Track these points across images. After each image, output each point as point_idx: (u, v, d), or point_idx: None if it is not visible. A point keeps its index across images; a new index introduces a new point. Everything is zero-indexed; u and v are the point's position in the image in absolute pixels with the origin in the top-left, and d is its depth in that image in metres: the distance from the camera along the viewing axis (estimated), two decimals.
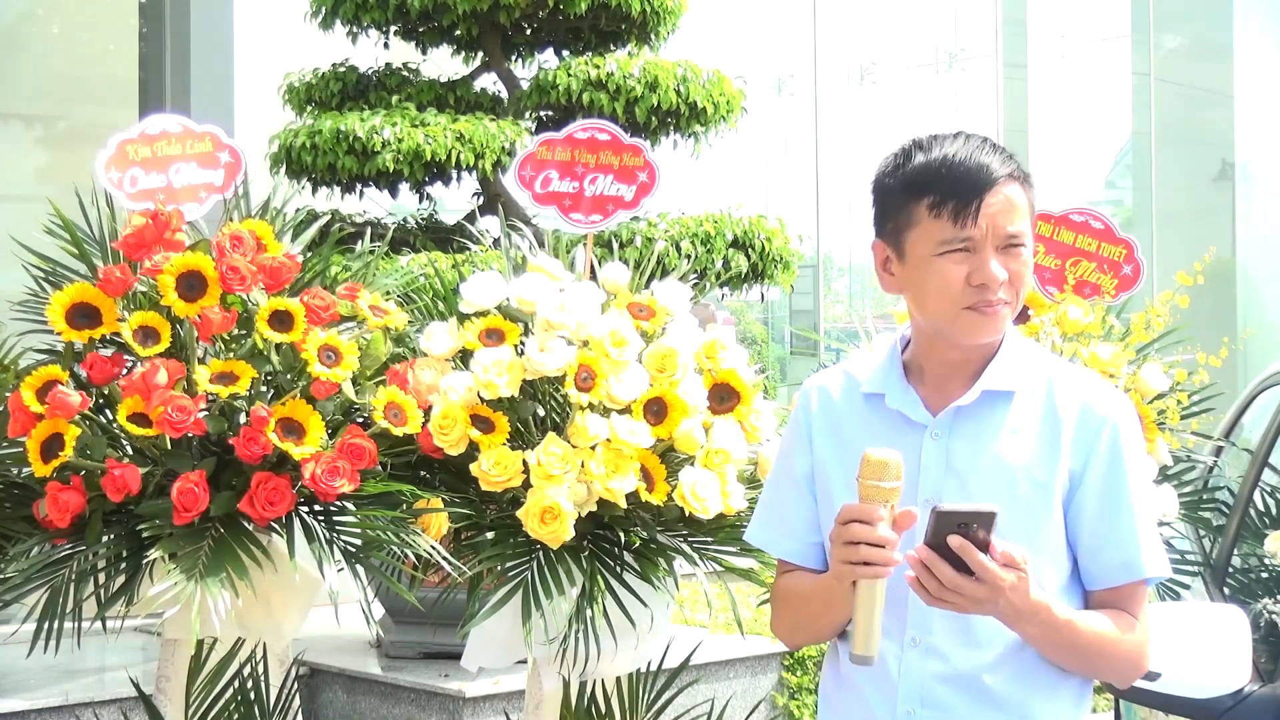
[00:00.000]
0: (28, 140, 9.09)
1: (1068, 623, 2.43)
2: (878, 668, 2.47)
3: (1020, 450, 2.52)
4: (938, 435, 2.54)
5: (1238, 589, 4.18)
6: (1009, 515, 2.42)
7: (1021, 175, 2.54)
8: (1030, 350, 2.63)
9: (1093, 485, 2.51)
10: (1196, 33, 16.45)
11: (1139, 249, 4.40)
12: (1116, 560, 2.51)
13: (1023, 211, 2.52)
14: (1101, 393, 2.57)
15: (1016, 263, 2.51)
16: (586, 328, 3.75)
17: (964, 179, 2.50)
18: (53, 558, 3.66)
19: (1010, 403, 2.54)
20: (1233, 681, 2.78)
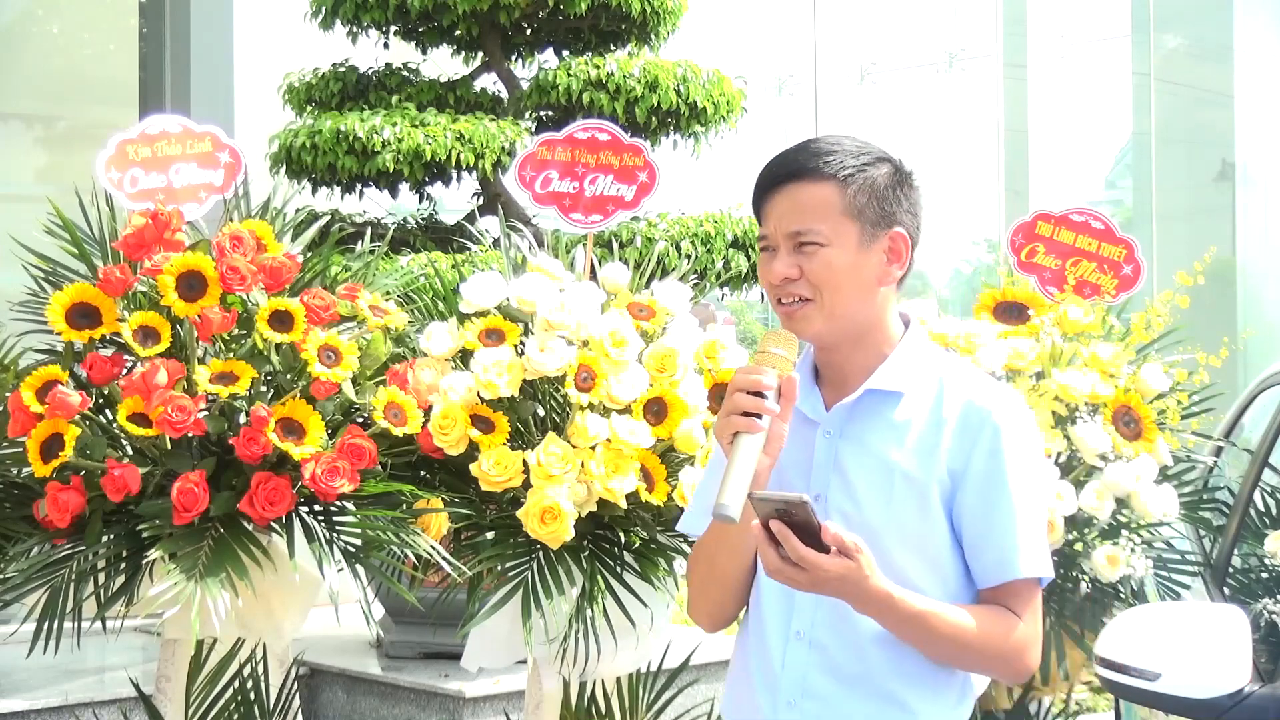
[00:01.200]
0: (28, 140, 9.09)
1: (920, 614, 2.44)
2: (763, 656, 2.57)
3: (902, 450, 2.53)
4: (829, 433, 2.58)
5: (1238, 589, 4.18)
6: (886, 514, 2.51)
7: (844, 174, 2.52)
8: (927, 353, 2.64)
9: (972, 484, 2.52)
10: (1197, 33, 16.45)
11: (1139, 249, 4.39)
12: (994, 559, 2.52)
13: (819, 210, 2.51)
14: (986, 392, 2.57)
15: (811, 261, 2.51)
16: (586, 328, 3.75)
17: (761, 180, 2.58)
18: (53, 558, 3.66)
19: (898, 403, 2.56)
20: (1233, 682, 2.78)
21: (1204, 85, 16.08)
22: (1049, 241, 4.39)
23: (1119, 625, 3.00)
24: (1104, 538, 3.96)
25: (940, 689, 2.55)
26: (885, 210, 2.55)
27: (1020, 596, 2.53)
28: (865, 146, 2.58)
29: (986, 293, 4.35)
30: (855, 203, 2.52)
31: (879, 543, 2.46)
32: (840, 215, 2.52)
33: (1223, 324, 12.02)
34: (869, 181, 2.54)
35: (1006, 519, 2.51)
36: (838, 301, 2.52)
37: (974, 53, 20.02)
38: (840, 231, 2.51)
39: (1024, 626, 2.52)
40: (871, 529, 2.48)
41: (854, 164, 2.54)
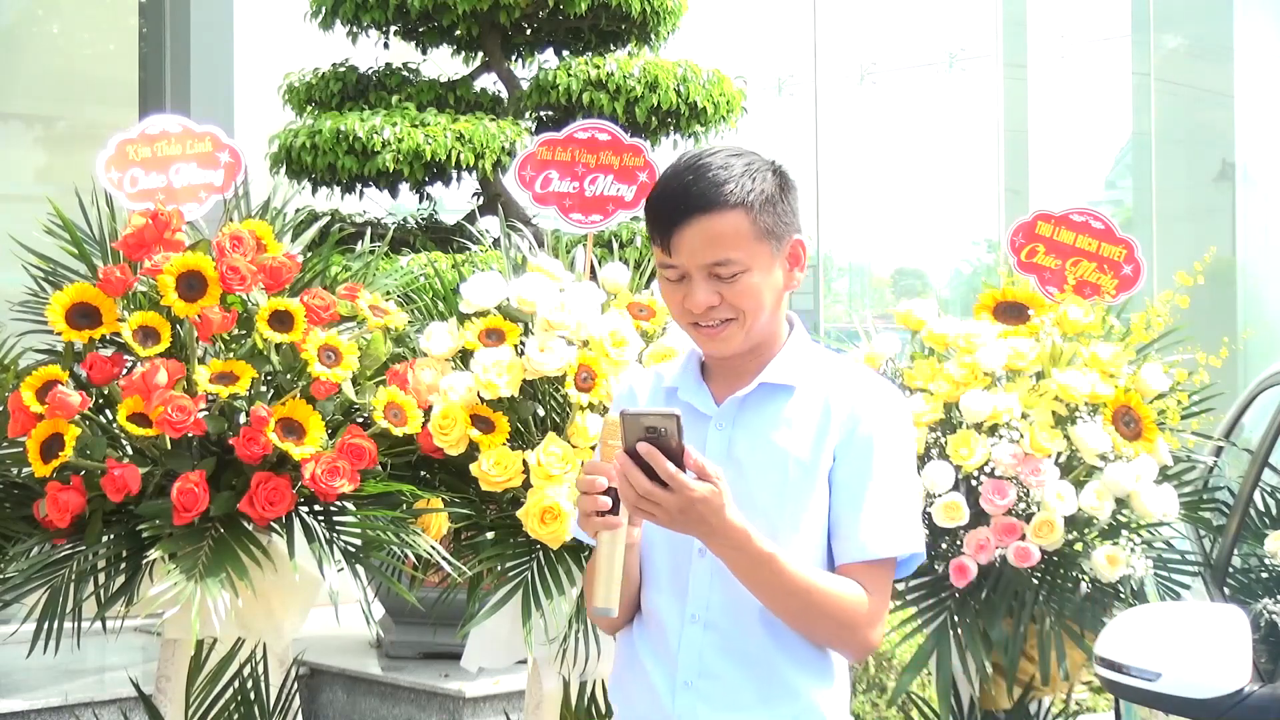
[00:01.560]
0: (28, 140, 9.09)
1: (770, 556, 2.49)
2: (659, 642, 2.64)
3: (793, 439, 2.62)
4: (721, 426, 2.65)
5: (1238, 589, 4.18)
6: (780, 498, 2.59)
7: (745, 200, 2.57)
8: (814, 351, 2.72)
9: (841, 467, 2.61)
10: (1197, 33, 16.44)
11: (1139, 249, 4.39)
12: (851, 539, 2.60)
13: (733, 240, 2.56)
14: (868, 381, 2.68)
15: (732, 287, 2.57)
16: (586, 328, 3.75)
17: (661, 212, 2.60)
18: (53, 558, 3.67)
19: (790, 396, 2.65)
20: (1233, 682, 2.78)
21: (1204, 85, 16.07)
22: (1049, 241, 4.39)
23: (1119, 625, 3.00)
24: (1104, 538, 3.96)
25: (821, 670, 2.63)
26: (784, 221, 2.63)
27: (869, 575, 2.60)
28: (749, 159, 2.63)
29: (986, 293, 4.35)
30: (763, 224, 2.59)
31: (771, 526, 2.54)
32: (753, 240, 2.58)
33: (1223, 324, 12.01)
34: (769, 199, 2.60)
35: (863, 501, 2.61)
36: (758, 317, 2.61)
37: (974, 53, 20.01)
38: (755, 254, 2.58)
39: (868, 603, 2.59)
40: (766, 513, 2.56)
41: (752, 185, 2.59)
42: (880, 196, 18.94)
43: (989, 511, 3.86)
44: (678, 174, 2.61)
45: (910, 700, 4.52)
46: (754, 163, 2.63)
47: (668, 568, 2.64)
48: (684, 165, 2.62)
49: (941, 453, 3.96)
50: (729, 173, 2.58)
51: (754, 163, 2.63)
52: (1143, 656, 2.86)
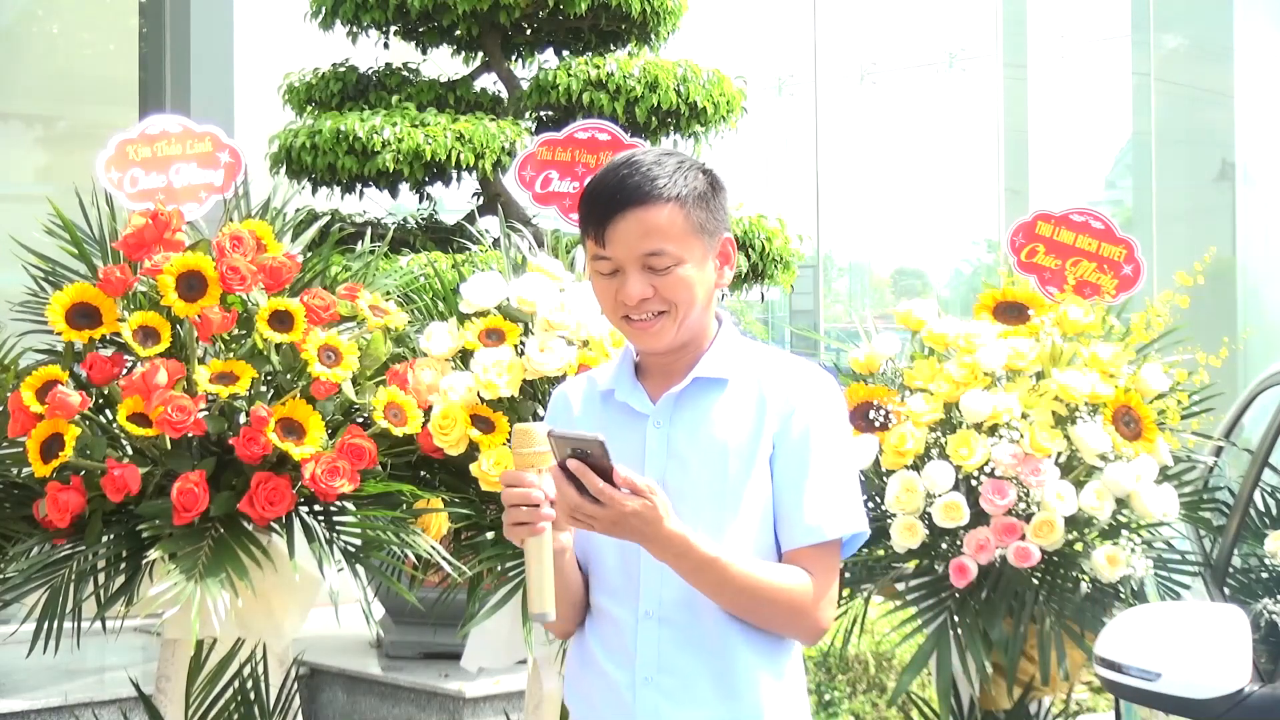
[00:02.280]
0: (28, 140, 9.09)
1: (713, 560, 2.54)
2: (615, 640, 2.66)
3: (731, 431, 2.66)
4: (659, 424, 2.68)
5: (1238, 589, 4.18)
6: (722, 490, 2.63)
7: (679, 194, 2.62)
8: (745, 344, 2.76)
9: (781, 455, 2.66)
10: (1197, 33, 16.44)
11: (1139, 249, 4.39)
12: (797, 523, 2.65)
13: (667, 232, 2.61)
14: (799, 369, 2.72)
15: (665, 280, 2.61)
16: (586, 328, 3.76)
17: (598, 203, 2.64)
18: (52, 558, 3.67)
19: (723, 389, 2.68)
20: (1233, 682, 2.78)
21: (1204, 85, 16.07)
22: (1049, 241, 4.39)
23: (1119, 625, 3.00)
24: (1104, 538, 3.96)
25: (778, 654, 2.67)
26: (716, 218, 2.68)
27: (815, 559, 2.65)
28: (680, 159, 2.68)
29: (986, 293, 4.35)
30: (695, 219, 2.63)
31: (716, 518, 2.60)
32: (686, 233, 2.62)
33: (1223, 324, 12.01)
34: (701, 196, 2.65)
35: (803, 487, 2.65)
36: (690, 313, 2.65)
37: (974, 53, 20.01)
38: (688, 248, 2.63)
39: (816, 585, 2.63)
40: (709, 505, 2.61)
41: (684, 182, 2.64)
42: (880, 196, 18.96)
43: (989, 511, 3.86)
44: (612, 169, 2.66)
45: (910, 700, 4.52)
46: (685, 162, 2.68)
47: (618, 566, 2.67)
48: (618, 162, 2.67)
49: (941, 453, 3.96)
50: (662, 169, 2.63)
51: (685, 162, 2.68)
52: (1143, 656, 2.86)
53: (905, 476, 3.91)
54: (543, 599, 2.47)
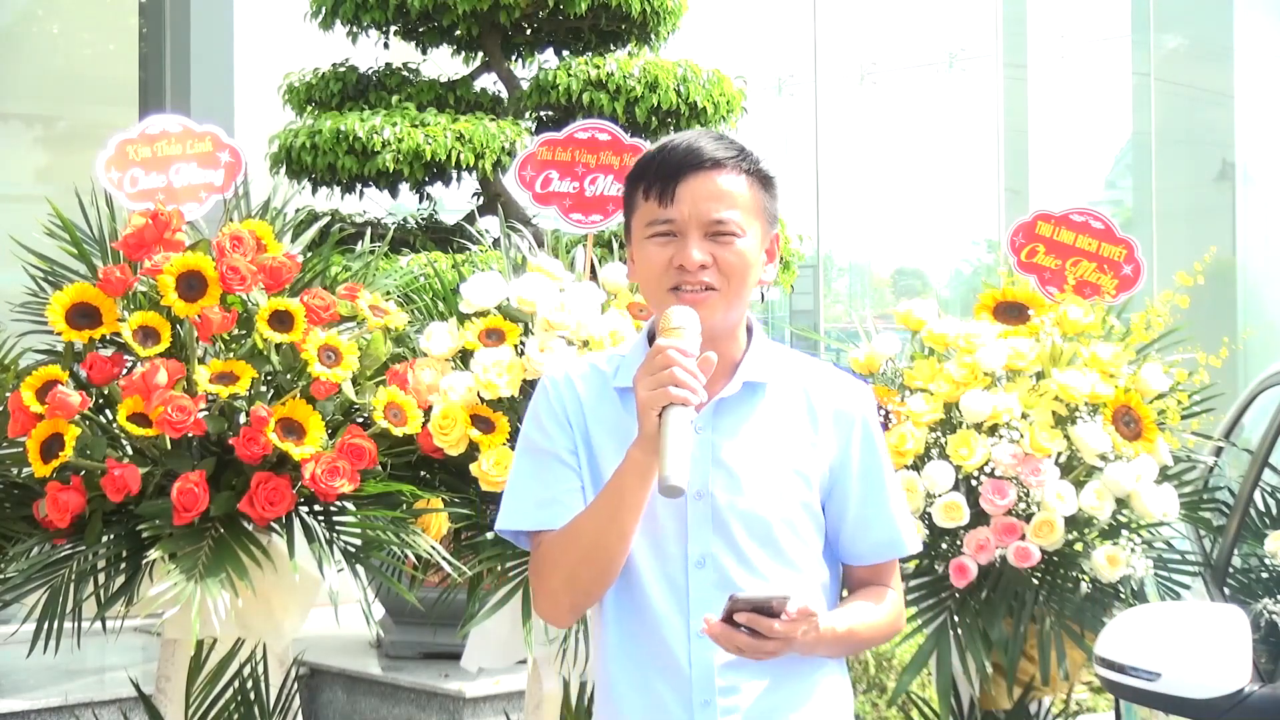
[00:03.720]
0: (28, 140, 9.09)
1: (848, 633, 2.57)
2: (665, 660, 2.54)
3: (782, 443, 2.60)
4: (702, 429, 2.56)
5: (1238, 589, 4.18)
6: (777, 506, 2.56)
7: (750, 169, 2.58)
8: (775, 347, 2.69)
9: (854, 475, 2.64)
10: (1197, 33, 16.45)
11: (1139, 249, 4.39)
12: (882, 540, 2.67)
13: (736, 201, 2.54)
14: (850, 389, 2.69)
15: (725, 250, 2.53)
16: (586, 328, 3.76)
17: (669, 162, 2.56)
18: (53, 558, 3.66)
19: (764, 395, 2.62)
20: (1233, 682, 2.78)
21: (1204, 85, 16.07)
22: (1049, 241, 4.39)
23: (1119, 625, 3.00)
24: (1104, 538, 3.96)
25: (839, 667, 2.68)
26: (771, 208, 2.62)
27: (891, 569, 2.73)
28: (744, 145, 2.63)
29: (987, 293, 4.35)
30: (760, 200, 2.58)
31: (771, 537, 2.55)
32: (750, 209, 2.57)
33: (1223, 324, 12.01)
34: (766, 180, 2.61)
35: (889, 504, 2.68)
36: (740, 293, 2.57)
37: (974, 53, 20.00)
38: (750, 225, 2.56)
39: (897, 595, 2.73)
40: (764, 524, 2.55)
41: (754, 162, 2.59)
42: (880, 196, 18.94)
43: (989, 511, 3.86)
44: (682, 135, 2.59)
45: (910, 700, 4.52)
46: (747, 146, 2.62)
47: (663, 583, 2.56)
48: (688, 131, 2.61)
49: (941, 453, 3.96)
50: (735, 145, 2.58)
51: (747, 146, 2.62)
52: (1143, 656, 2.86)
53: (905, 476, 3.91)
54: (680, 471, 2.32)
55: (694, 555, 2.54)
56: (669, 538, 2.54)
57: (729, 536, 2.55)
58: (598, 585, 2.57)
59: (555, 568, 2.57)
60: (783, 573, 2.57)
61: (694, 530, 2.55)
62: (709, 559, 2.54)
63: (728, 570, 2.54)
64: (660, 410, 2.38)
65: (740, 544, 2.55)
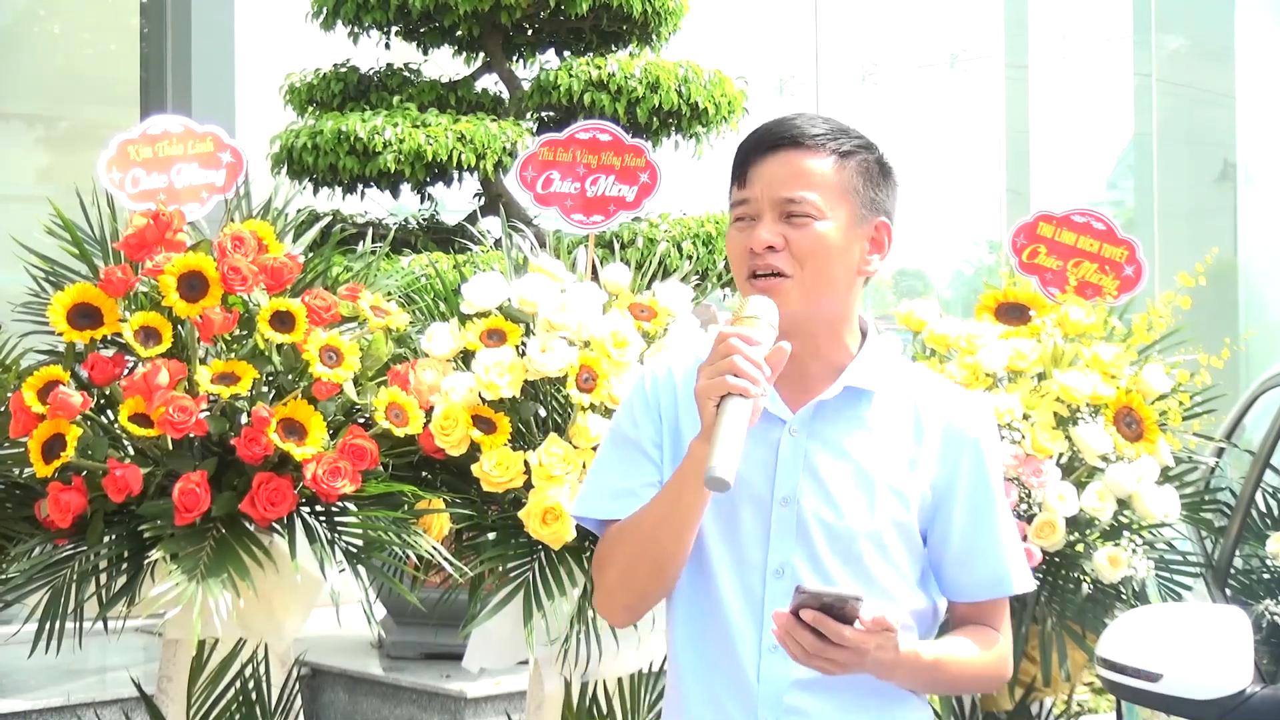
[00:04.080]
0: (29, 140, 9.10)
1: (934, 663, 2.41)
2: (732, 671, 2.42)
3: (881, 457, 2.45)
4: (796, 431, 2.44)
5: (1239, 590, 4.18)
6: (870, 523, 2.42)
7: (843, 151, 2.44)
8: (890, 356, 2.55)
9: (960, 501, 2.48)
10: (1198, 34, 16.45)
11: (1140, 250, 4.39)
12: (986, 576, 2.52)
13: (814, 180, 2.41)
14: (966, 406, 2.53)
15: (800, 233, 2.39)
16: (588, 328, 3.75)
17: (748, 141, 2.46)
18: (54, 558, 3.66)
19: (870, 403, 2.47)
20: (1234, 683, 2.78)
21: (1205, 86, 16.07)
22: (1050, 242, 4.39)
23: (1120, 626, 3.00)
24: (1105, 539, 3.96)
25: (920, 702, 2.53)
26: (875, 196, 2.47)
27: (999, 610, 2.55)
28: (855, 130, 2.50)
29: (988, 293, 4.35)
30: (851, 182, 2.44)
31: (858, 553, 2.42)
32: (836, 191, 2.42)
33: (1224, 325, 12.02)
34: (864, 164, 2.46)
35: (996, 537, 2.51)
36: (819, 282, 2.41)
37: (976, 53, 20.00)
38: (834, 207, 2.41)
39: (1003, 640, 2.55)
40: (852, 538, 2.42)
41: (850, 143, 2.45)
42: None
43: None
44: (779, 117, 2.47)
45: None
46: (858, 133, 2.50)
47: (739, 590, 2.43)
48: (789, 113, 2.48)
49: None
50: (828, 124, 2.45)
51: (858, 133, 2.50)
52: (1144, 657, 2.86)
53: None
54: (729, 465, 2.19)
55: (773, 564, 2.42)
56: (750, 543, 2.42)
57: (811, 547, 2.42)
58: (653, 585, 2.47)
59: (612, 561, 2.48)
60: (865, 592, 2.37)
61: (776, 537, 2.42)
62: (788, 569, 2.41)
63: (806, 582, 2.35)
64: (719, 401, 2.25)
65: (821, 557, 2.42)
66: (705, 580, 2.46)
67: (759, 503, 2.43)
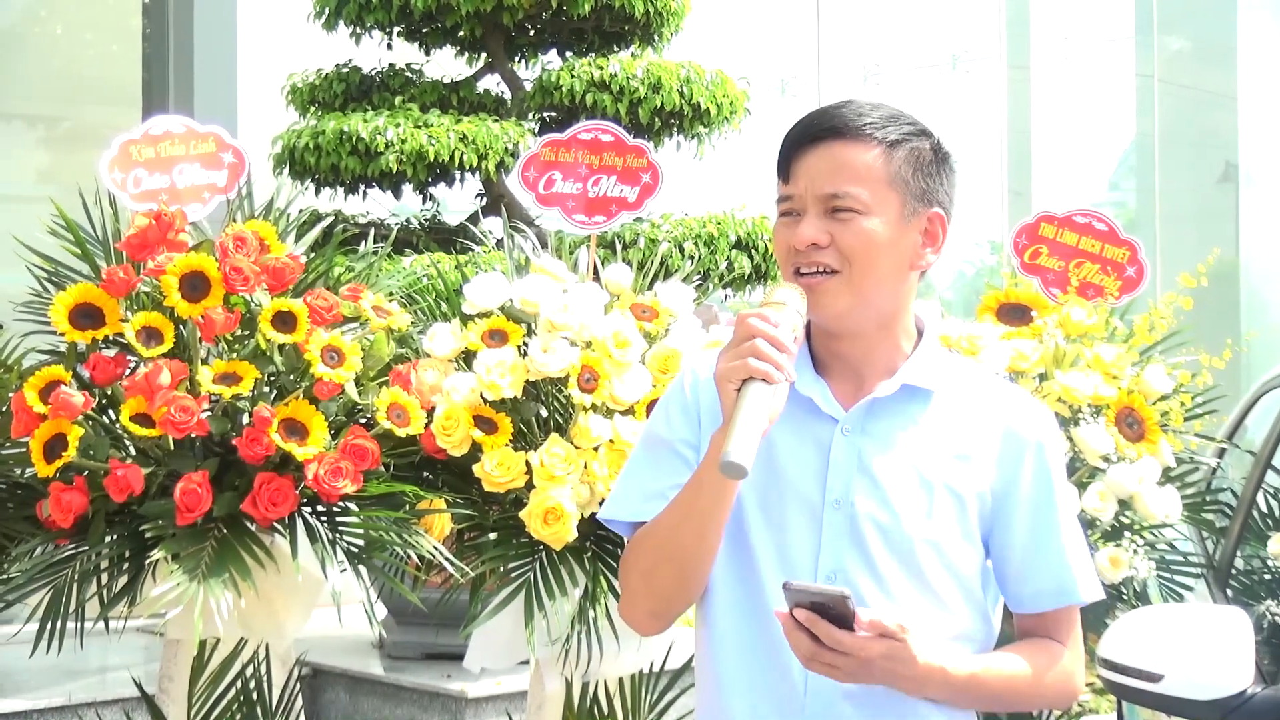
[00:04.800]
0: (31, 140, 9.10)
1: (970, 678, 2.28)
2: (782, 686, 2.33)
3: (937, 458, 2.34)
4: (849, 431, 2.34)
5: (1241, 591, 4.18)
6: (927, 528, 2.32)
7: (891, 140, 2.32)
8: (947, 354, 2.48)
9: (1022, 508, 2.38)
10: (1200, 35, 16.46)
11: (1142, 250, 4.39)
12: (1049, 586, 2.41)
13: (859, 173, 2.29)
14: (1027, 409, 2.43)
15: (846, 229, 2.28)
16: (589, 329, 3.75)
17: (791, 133, 2.35)
18: (55, 558, 3.66)
19: (928, 404, 2.37)
20: (1235, 683, 2.78)
21: (1207, 87, 16.08)
22: (1052, 243, 4.38)
23: (1122, 627, 3.00)
24: (1107, 539, 3.95)
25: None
26: (928, 186, 2.35)
27: (1065, 622, 2.44)
28: (908, 115, 2.38)
29: (989, 294, 4.35)
30: (900, 173, 2.32)
31: (914, 559, 2.32)
32: (883, 183, 2.30)
33: (1226, 326, 12.03)
34: (915, 152, 2.35)
35: (1061, 544, 2.40)
36: (868, 278, 2.30)
37: (977, 54, 20.00)
38: (881, 201, 2.30)
39: (1069, 654, 2.43)
40: (909, 543, 2.32)
41: (900, 131, 2.33)
42: None
43: None
44: (827, 105, 2.36)
45: None
46: (912, 119, 2.38)
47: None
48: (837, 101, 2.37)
49: None
50: (877, 112, 2.33)
51: (912, 119, 2.38)
52: (1145, 658, 2.85)
53: None
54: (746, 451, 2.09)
55: (825, 569, 2.31)
56: (799, 548, 2.32)
57: (865, 552, 2.31)
58: (677, 588, 2.38)
59: (635, 565, 2.41)
60: (921, 601, 2.32)
61: (828, 541, 2.32)
62: (840, 574, 2.30)
63: (860, 589, 2.29)
64: (740, 385, 2.16)
65: (877, 561, 2.31)
66: (752, 587, 2.35)
67: (809, 506, 2.33)
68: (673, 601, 2.41)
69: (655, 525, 2.36)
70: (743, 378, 2.16)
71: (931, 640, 2.24)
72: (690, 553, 2.33)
